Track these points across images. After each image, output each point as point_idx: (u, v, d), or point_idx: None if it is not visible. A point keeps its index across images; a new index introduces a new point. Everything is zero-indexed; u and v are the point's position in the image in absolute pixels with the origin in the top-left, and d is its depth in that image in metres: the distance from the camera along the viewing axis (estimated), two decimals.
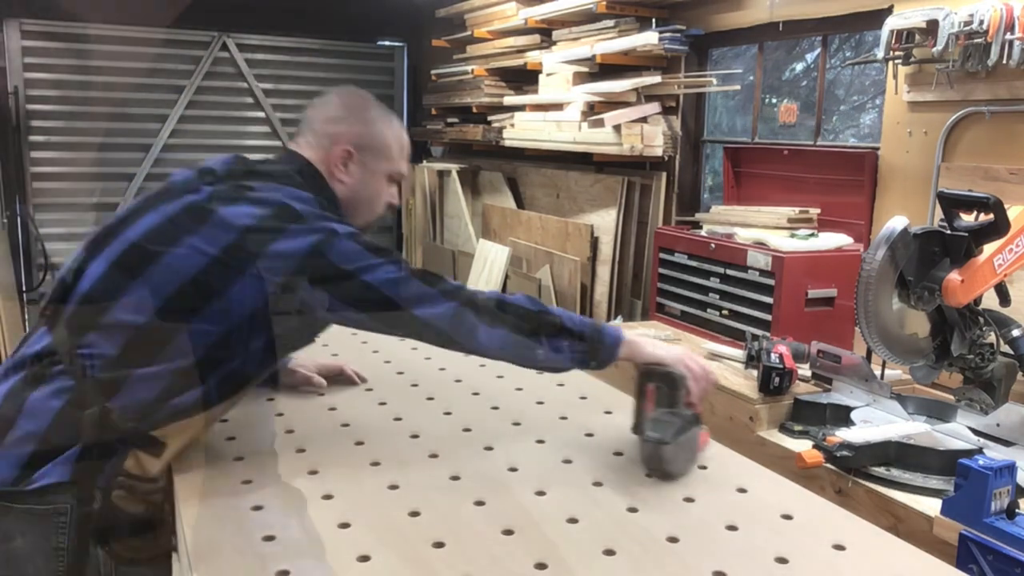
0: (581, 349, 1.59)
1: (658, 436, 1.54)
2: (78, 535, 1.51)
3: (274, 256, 1.49)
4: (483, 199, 6.16)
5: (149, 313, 1.49)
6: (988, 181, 2.91)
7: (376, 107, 1.77)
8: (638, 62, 4.52)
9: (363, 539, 1.31)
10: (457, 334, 1.53)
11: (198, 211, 1.55)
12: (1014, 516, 1.70)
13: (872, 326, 2.26)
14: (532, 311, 1.57)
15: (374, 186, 1.76)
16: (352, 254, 1.51)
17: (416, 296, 1.51)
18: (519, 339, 1.55)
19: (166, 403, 1.52)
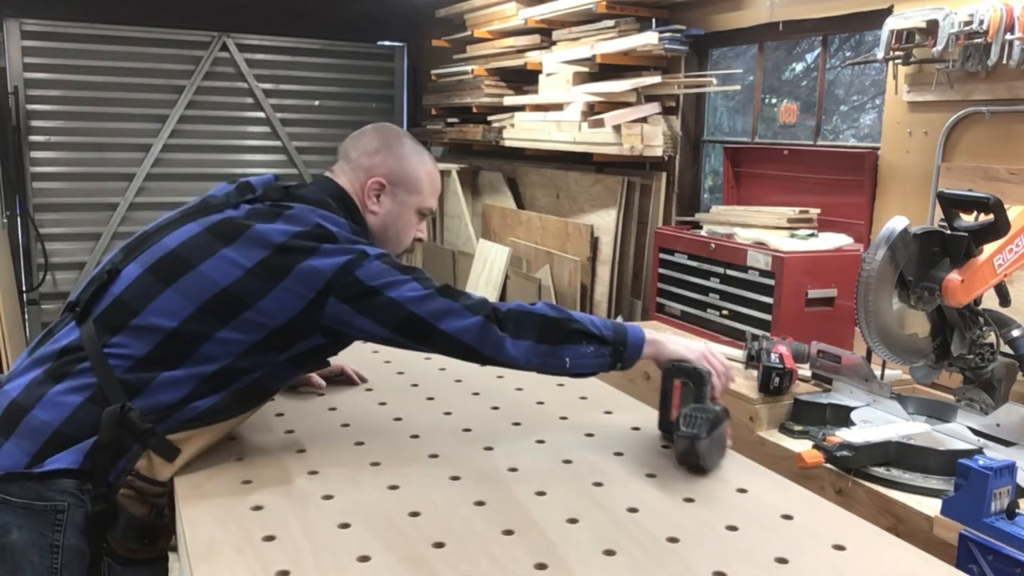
0: (607, 353, 1.63)
1: (693, 432, 1.57)
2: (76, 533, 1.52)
3: (305, 273, 1.55)
4: (483, 199, 6.16)
5: (181, 319, 1.55)
6: (988, 181, 2.91)
7: (411, 143, 1.86)
8: (638, 62, 4.52)
9: (363, 539, 1.31)
10: (484, 347, 1.58)
11: (236, 226, 1.62)
12: (1014, 516, 1.70)
13: (872, 326, 2.26)
14: (556, 319, 1.61)
15: (404, 219, 1.83)
16: (379, 273, 1.57)
17: (441, 311, 1.56)
18: (545, 348, 1.59)
19: (186, 408, 1.56)
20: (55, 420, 1.51)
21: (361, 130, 1.88)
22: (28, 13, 6.51)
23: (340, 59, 7.46)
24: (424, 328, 1.56)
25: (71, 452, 1.51)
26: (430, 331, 1.56)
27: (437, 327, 1.56)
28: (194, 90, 7.02)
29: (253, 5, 6.99)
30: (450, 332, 1.56)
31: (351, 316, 1.56)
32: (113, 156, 6.89)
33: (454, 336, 1.56)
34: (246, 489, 1.49)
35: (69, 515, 1.52)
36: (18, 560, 1.51)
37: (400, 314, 1.55)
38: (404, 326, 1.56)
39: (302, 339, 1.60)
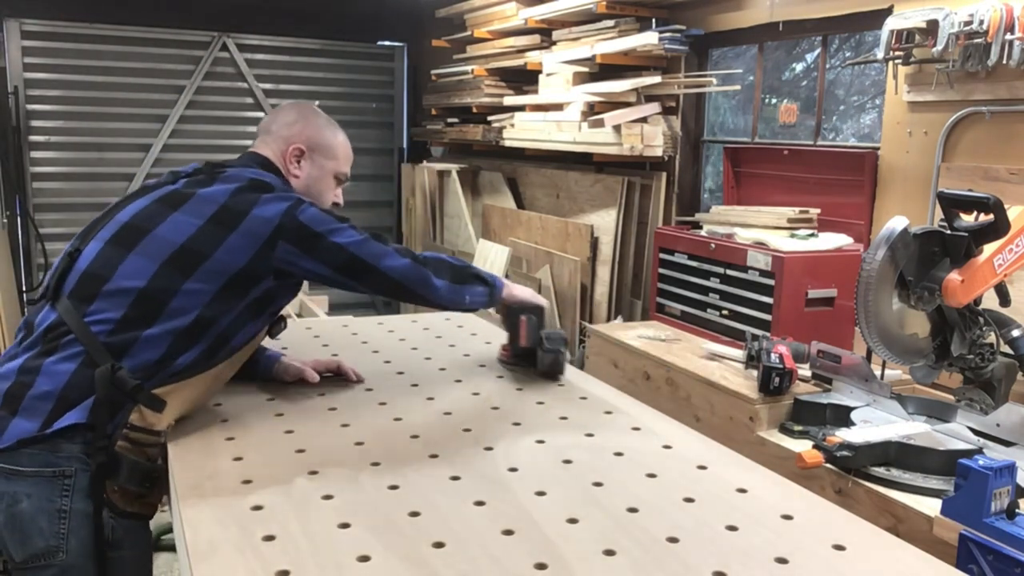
0: (488, 292, 2.01)
1: (558, 348, 2.11)
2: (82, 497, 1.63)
3: (254, 220, 1.74)
4: (483, 199, 6.16)
5: (147, 277, 1.70)
6: (988, 181, 2.91)
7: (324, 116, 2.06)
8: (638, 62, 4.52)
9: (363, 539, 1.31)
10: (415, 284, 1.85)
11: (181, 195, 1.81)
12: (1014, 516, 1.70)
13: (872, 326, 2.26)
14: (461, 265, 1.98)
15: (324, 182, 2.02)
16: (319, 218, 1.79)
17: (378, 253, 1.81)
18: (455, 287, 1.92)
19: (170, 365, 1.71)
20: (56, 387, 1.64)
21: (278, 107, 2.13)
22: (28, 13, 6.51)
23: (340, 59, 7.46)
24: (364, 267, 1.80)
25: (77, 410, 1.63)
26: (370, 269, 1.80)
27: (376, 266, 1.80)
28: (194, 90, 7.02)
29: (253, 5, 6.99)
30: (386, 271, 1.81)
31: (298, 257, 1.76)
32: (113, 156, 6.89)
33: (389, 274, 1.81)
34: (246, 489, 1.49)
35: (76, 480, 1.63)
36: (27, 527, 1.61)
37: (343, 256, 1.78)
38: (347, 266, 1.79)
39: (256, 283, 1.77)
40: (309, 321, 3.45)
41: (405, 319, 2.82)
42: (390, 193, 7.82)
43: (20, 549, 1.61)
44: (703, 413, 2.63)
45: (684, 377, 2.75)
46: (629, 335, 3.17)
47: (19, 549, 1.61)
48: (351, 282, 1.83)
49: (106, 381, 1.63)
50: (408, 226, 7.12)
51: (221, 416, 1.84)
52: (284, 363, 2.06)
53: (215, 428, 1.77)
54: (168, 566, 3.40)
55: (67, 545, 1.62)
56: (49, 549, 1.61)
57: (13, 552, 1.62)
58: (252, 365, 2.04)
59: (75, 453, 1.63)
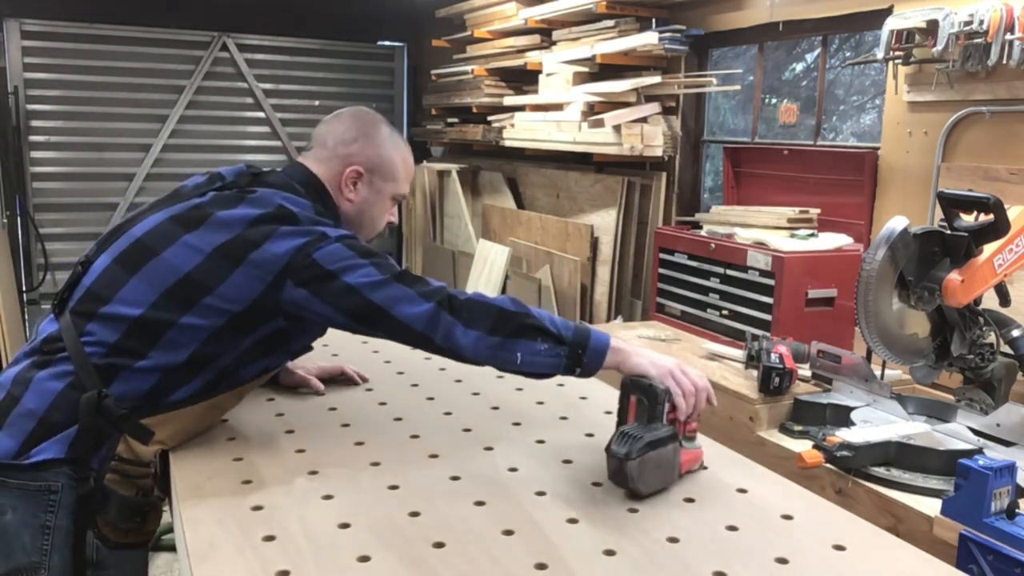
0: (562, 354, 1.54)
1: (622, 452, 1.46)
2: (67, 515, 1.57)
3: (262, 257, 1.56)
4: (483, 199, 6.15)
5: (145, 306, 1.58)
6: (988, 181, 2.91)
7: (387, 129, 1.85)
8: (638, 62, 4.52)
9: (363, 539, 1.31)
10: (434, 334, 1.54)
11: (199, 213, 1.64)
12: (1014, 516, 1.70)
13: (872, 326, 2.26)
14: (511, 312, 1.54)
15: (380, 206, 1.84)
16: (337, 255, 1.56)
17: (395, 298, 1.54)
18: (497, 340, 1.53)
19: (161, 398, 1.61)
20: (40, 407, 1.56)
21: (336, 115, 1.86)
22: (28, 13, 6.50)
23: (340, 59, 7.45)
24: (377, 314, 1.54)
25: (56, 441, 1.55)
26: (383, 317, 1.54)
27: (389, 313, 1.54)
28: (194, 90, 7.02)
29: (253, 5, 6.99)
30: (402, 319, 1.54)
31: (308, 301, 1.56)
32: (113, 156, 6.89)
33: (406, 323, 1.54)
34: (246, 489, 1.49)
35: (62, 496, 1.56)
36: (10, 541, 1.55)
37: (354, 300, 1.54)
38: (358, 312, 1.55)
39: (264, 322, 1.62)
40: None
41: None
42: None
43: (2, 562, 1.56)
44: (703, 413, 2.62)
45: None
46: (629, 335, 3.17)
47: (1, 562, 1.56)
48: (367, 330, 1.60)
49: (91, 409, 1.54)
50: (408, 226, 7.11)
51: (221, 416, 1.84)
52: (288, 369, 2.03)
53: (215, 428, 1.77)
54: (168, 566, 3.40)
55: (49, 562, 1.56)
56: (31, 565, 1.55)
57: None
58: None
59: (63, 470, 1.56)
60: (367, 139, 1.81)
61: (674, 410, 1.56)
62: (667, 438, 1.51)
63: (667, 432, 1.52)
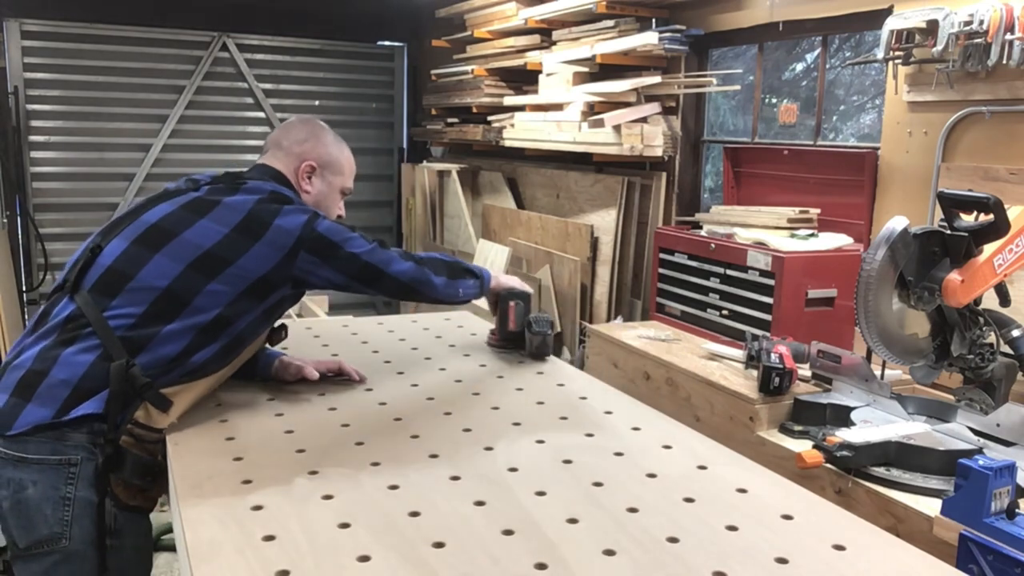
0: (478, 284, 2.20)
1: (545, 331, 2.28)
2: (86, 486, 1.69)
3: (277, 231, 1.85)
4: (483, 199, 6.16)
5: (171, 278, 1.79)
6: (988, 181, 2.91)
7: (331, 133, 2.18)
8: (638, 62, 4.52)
9: (363, 539, 1.31)
10: (419, 285, 2.01)
11: (206, 202, 1.90)
12: (1014, 516, 1.70)
13: (872, 326, 2.26)
14: (453, 262, 2.14)
15: (331, 197, 2.14)
16: (335, 229, 1.92)
17: (386, 259, 1.96)
18: (450, 282, 2.09)
19: (186, 362, 1.78)
20: (73, 377, 1.70)
21: (288, 122, 2.21)
22: (28, 13, 6.51)
23: (340, 59, 7.46)
24: (377, 273, 1.94)
25: (92, 401, 1.69)
26: (380, 275, 1.94)
27: (386, 271, 1.95)
28: (194, 90, 7.02)
29: (253, 5, 6.99)
30: (395, 275, 1.96)
31: (317, 267, 1.89)
32: (113, 156, 6.89)
33: (399, 278, 1.96)
34: (246, 489, 1.49)
35: (81, 468, 1.68)
36: (32, 514, 1.67)
37: (357, 264, 1.92)
38: (361, 274, 1.93)
39: (274, 289, 1.88)
40: (309, 321, 3.45)
41: (405, 319, 2.82)
42: (390, 193, 7.82)
43: (24, 535, 1.67)
44: (703, 413, 2.63)
45: (684, 377, 2.75)
46: (629, 335, 3.18)
47: (23, 535, 1.67)
48: (364, 288, 1.97)
49: (120, 376, 1.69)
50: (408, 226, 7.11)
51: (221, 416, 1.84)
52: (284, 361, 2.08)
53: (215, 428, 1.78)
54: (168, 566, 3.40)
55: (70, 532, 1.67)
56: (53, 536, 1.67)
57: (17, 538, 1.68)
58: (251, 364, 2.05)
59: (82, 443, 1.68)
60: (316, 139, 2.12)
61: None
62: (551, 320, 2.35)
63: (549, 316, 2.34)
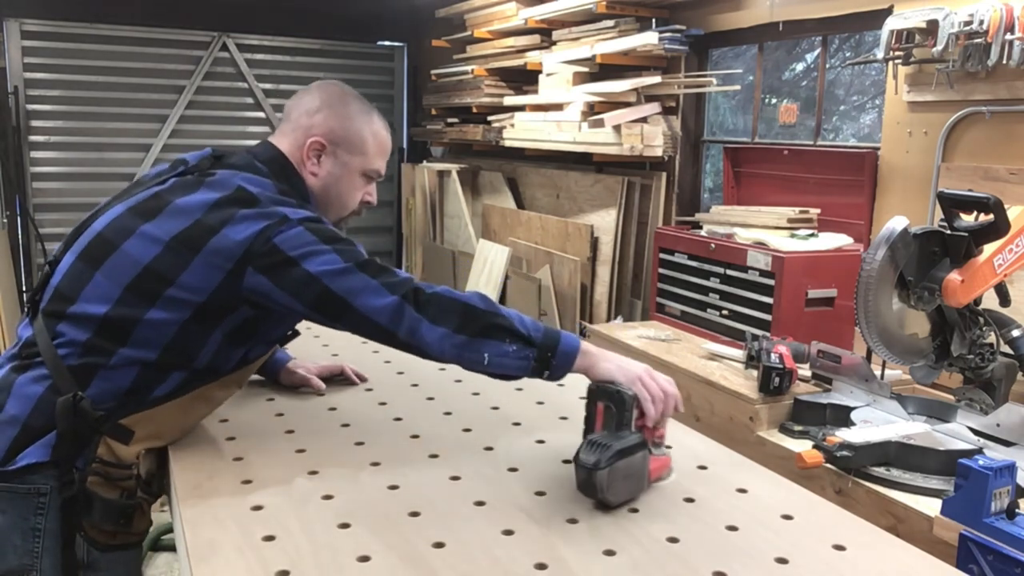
0: (531, 357, 1.49)
1: (591, 461, 1.41)
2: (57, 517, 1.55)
3: (221, 243, 1.51)
4: (483, 199, 6.15)
5: (110, 303, 1.54)
6: (988, 181, 2.91)
7: (356, 102, 1.76)
8: (638, 62, 4.52)
9: (363, 539, 1.31)
10: (398, 329, 1.49)
11: (158, 201, 1.60)
12: (1014, 516, 1.70)
13: (872, 326, 2.26)
14: (480, 310, 1.49)
15: (347, 181, 1.75)
16: (297, 239, 1.50)
17: (357, 288, 1.48)
18: (463, 339, 1.48)
19: (139, 394, 1.57)
20: (22, 413, 1.53)
21: (306, 88, 1.80)
22: (28, 13, 6.51)
23: (340, 59, 7.46)
24: (339, 305, 1.49)
25: (39, 446, 1.53)
26: (344, 308, 1.49)
27: (351, 304, 1.48)
28: (194, 90, 7.02)
29: (253, 5, 6.99)
30: (364, 311, 1.48)
31: (270, 289, 1.51)
32: (113, 156, 6.89)
33: (368, 316, 1.48)
34: (246, 489, 1.49)
35: (51, 498, 1.54)
36: (2, 543, 1.54)
37: (315, 289, 1.49)
38: (319, 302, 1.50)
39: (229, 312, 1.57)
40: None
41: None
42: (390, 193, 7.82)
43: None
44: (703, 413, 2.63)
45: (684, 377, 2.75)
46: (629, 335, 3.17)
47: None
48: (328, 321, 1.54)
49: (67, 412, 1.51)
50: (408, 226, 7.11)
51: (221, 416, 1.84)
52: (289, 369, 2.02)
53: (215, 428, 1.77)
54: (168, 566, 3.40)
55: (40, 564, 1.55)
56: (23, 567, 1.54)
57: None
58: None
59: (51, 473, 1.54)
60: (331, 109, 1.72)
61: (642, 416, 1.51)
62: (636, 446, 1.46)
63: (636, 440, 1.46)
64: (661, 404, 1.52)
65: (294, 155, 1.72)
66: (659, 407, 1.51)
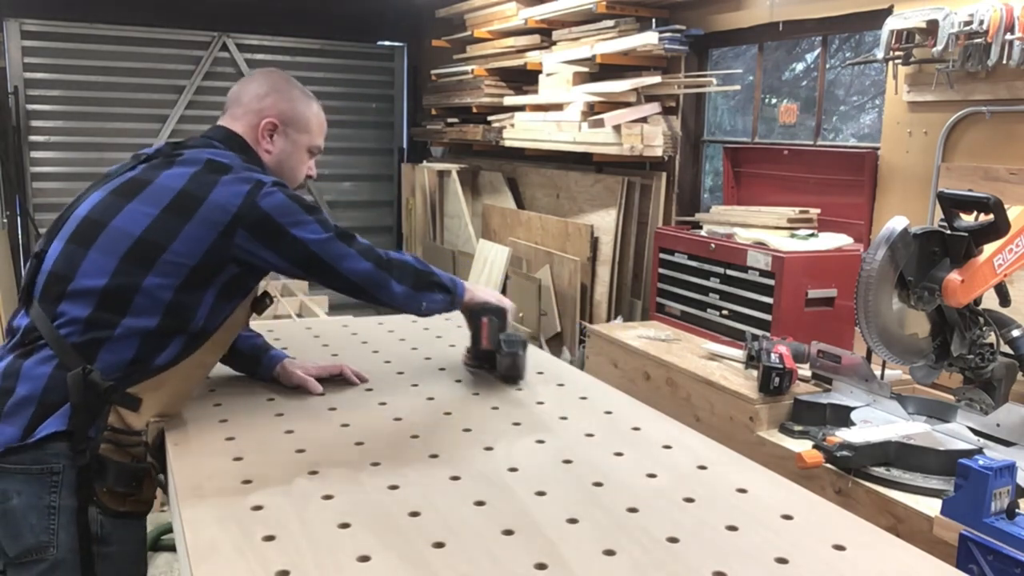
0: (447, 300, 1.96)
1: (515, 351, 2.02)
2: (70, 494, 1.64)
3: (211, 207, 1.68)
4: (483, 199, 6.16)
5: (108, 274, 1.66)
6: (988, 181, 2.91)
7: (297, 87, 1.96)
8: (638, 62, 4.52)
9: (363, 539, 1.31)
10: (375, 289, 1.81)
11: (137, 182, 1.75)
12: (1014, 516, 1.70)
13: (872, 326, 2.26)
14: (424, 271, 1.91)
15: (296, 156, 1.95)
16: (283, 207, 1.72)
17: (341, 255, 1.76)
18: (414, 293, 1.87)
19: (147, 364, 1.69)
20: (35, 391, 1.63)
21: (248, 76, 2.02)
22: (28, 13, 6.51)
23: (340, 59, 7.46)
24: (325, 267, 1.75)
25: (56, 417, 1.62)
26: (330, 270, 1.76)
27: (336, 267, 1.76)
28: (194, 90, 7.03)
29: (253, 5, 6.99)
30: (347, 273, 1.77)
31: (258, 248, 1.71)
32: (113, 156, 6.87)
33: (350, 277, 1.77)
34: (246, 489, 1.49)
35: (64, 476, 1.63)
36: (18, 523, 1.63)
37: (304, 252, 1.73)
38: (306, 262, 1.75)
39: (218, 272, 1.72)
40: (309, 321, 3.45)
41: (405, 319, 2.81)
42: (390, 193, 7.83)
43: (13, 544, 1.64)
44: (703, 413, 2.63)
45: (684, 377, 2.75)
46: (629, 335, 3.17)
47: (12, 544, 1.64)
48: (307, 277, 1.82)
49: (78, 385, 1.61)
50: (408, 226, 7.12)
51: (221, 416, 1.84)
52: (287, 369, 2.02)
53: (215, 428, 1.77)
54: (168, 566, 3.40)
55: (57, 540, 1.64)
56: (40, 544, 1.63)
57: (7, 547, 1.65)
58: (254, 365, 2.04)
59: (62, 451, 1.64)
60: (279, 94, 1.92)
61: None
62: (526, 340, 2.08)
63: (522, 336, 2.08)
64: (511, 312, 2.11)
65: (249, 135, 1.89)
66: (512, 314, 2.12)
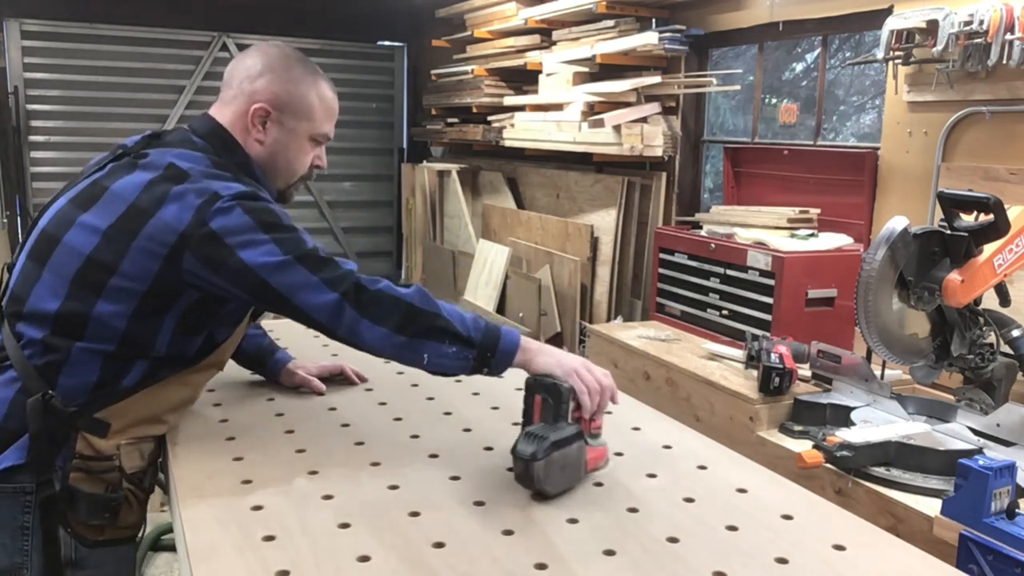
0: (470, 357, 1.52)
1: (528, 452, 1.42)
2: (43, 514, 1.55)
3: (156, 227, 1.49)
4: (483, 199, 6.16)
5: (60, 299, 1.52)
6: (988, 181, 2.91)
7: (300, 64, 1.69)
8: (638, 62, 4.52)
9: (363, 539, 1.31)
10: (337, 327, 1.50)
11: (95, 189, 1.58)
12: (1014, 516, 1.70)
13: (872, 326, 2.26)
14: (421, 311, 1.50)
15: (294, 147, 1.69)
16: (235, 226, 1.48)
17: (296, 284, 1.48)
18: (403, 340, 1.50)
19: (104, 387, 1.56)
20: None
21: (245, 51, 1.72)
22: (28, 13, 6.51)
23: (340, 59, 7.46)
24: (276, 297, 1.49)
25: (14, 449, 1.52)
26: (283, 302, 1.49)
27: (290, 300, 1.48)
28: (194, 90, 7.03)
29: (253, 5, 6.99)
30: (303, 307, 1.49)
31: (208, 275, 1.49)
32: None
33: (307, 312, 1.49)
34: (246, 489, 1.49)
35: (37, 497, 1.54)
36: None
37: (254, 280, 1.47)
38: (258, 292, 1.50)
39: (175, 298, 1.54)
40: None
41: None
42: (390, 193, 7.82)
43: None
44: (703, 413, 2.63)
45: (684, 377, 2.75)
46: (629, 335, 3.17)
47: None
48: (270, 308, 1.56)
49: (38, 413, 1.50)
50: (408, 226, 7.12)
51: (221, 416, 1.84)
52: (290, 370, 2.01)
53: (215, 428, 1.77)
54: (168, 566, 3.40)
55: (31, 562, 1.55)
56: (13, 566, 1.55)
57: None
58: (259, 366, 2.03)
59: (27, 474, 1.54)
60: (274, 74, 1.64)
61: (579, 408, 1.52)
62: (572, 437, 1.48)
63: (572, 431, 1.48)
64: (597, 396, 1.53)
65: (237, 124, 1.65)
66: (595, 399, 1.53)
